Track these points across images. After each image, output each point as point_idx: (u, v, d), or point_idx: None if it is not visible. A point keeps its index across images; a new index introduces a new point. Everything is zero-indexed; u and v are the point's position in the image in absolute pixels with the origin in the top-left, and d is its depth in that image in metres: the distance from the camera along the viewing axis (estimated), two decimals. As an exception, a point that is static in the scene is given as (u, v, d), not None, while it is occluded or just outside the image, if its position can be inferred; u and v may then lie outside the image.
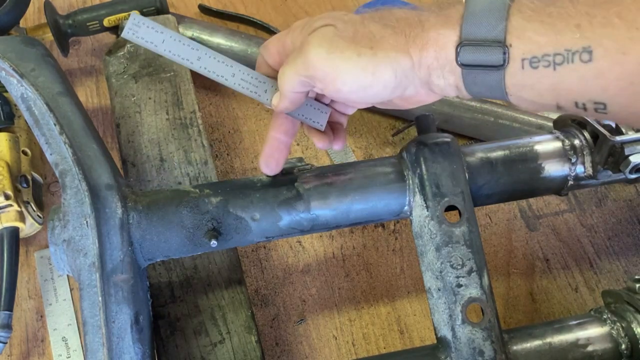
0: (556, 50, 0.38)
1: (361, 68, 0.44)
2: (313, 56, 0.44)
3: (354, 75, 0.44)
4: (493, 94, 0.43)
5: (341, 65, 0.44)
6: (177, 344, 0.58)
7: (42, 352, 0.66)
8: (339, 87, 0.45)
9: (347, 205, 0.54)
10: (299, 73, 0.46)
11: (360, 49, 0.44)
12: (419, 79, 0.45)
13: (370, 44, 0.44)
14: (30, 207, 0.65)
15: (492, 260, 0.74)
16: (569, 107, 0.41)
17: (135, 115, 0.68)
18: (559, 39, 0.38)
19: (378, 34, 0.44)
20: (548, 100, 0.41)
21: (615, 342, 0.54)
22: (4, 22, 0.69)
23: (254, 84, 0.51)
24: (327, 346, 0.68)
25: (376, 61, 0.44)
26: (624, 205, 0.78)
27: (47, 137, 0.52)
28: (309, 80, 0.46)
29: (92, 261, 0.48)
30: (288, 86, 0.47)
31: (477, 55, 0.41)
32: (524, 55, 0.40)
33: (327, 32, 0.45)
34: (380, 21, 0.45)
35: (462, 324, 0.51)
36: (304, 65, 0.45)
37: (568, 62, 0.38)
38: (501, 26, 0.40)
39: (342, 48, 0.44)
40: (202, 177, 0.66)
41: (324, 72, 0.45)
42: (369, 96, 0.46)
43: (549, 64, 0.39)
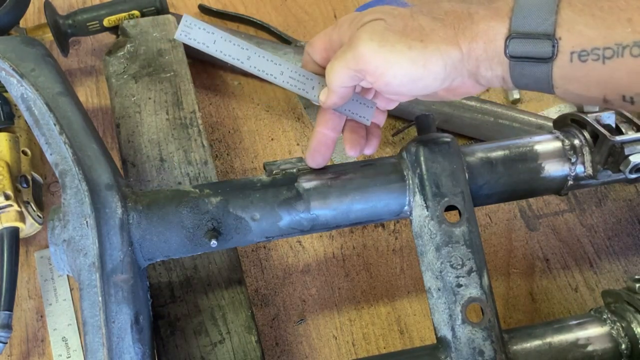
0: (606, 44, 0.39)
1: (412, 61, 0.44)
2: (364, 50, 0.45)
3: (405, 68, 0.45)
4: (539, 86, 0.44)
5: (392, 58, 0.45)
6: (177, 344, 0.58)
7: (42, 352, 0.66)
8: (390, 80, 0.46)
9: (347, 205, 0.54)
10: (350, 67, 0.46)
11: (411, 42, 0.44)
12: (467, 71, 0.46)
13: (421, 37, 0.45)
14: (30, 207, 0.65)
15: (492, 260, 0.74)
16: (616, 100, 0.41)
17: (135, 115, 0.68)
18: (610, 33, 0.39)
19: (428, 27, 0.45)
20: (595, 93, 0.41)
21: (615, 342, 0.54)
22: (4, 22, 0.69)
23: (302, 81, 0.52)
24: (327, 346, 0.68)
25: (427, 54, 0.44)
26: (624, 205, 0.78)
27: (47, 137, 0.52)
28: (359, 74, 0.47)
29: (92, 261, 0.48)
30: (338, 81, 0.48)
31: (526, 47, 0.42)
32: (574, 48, 0.40)
33: (378, 26, 0.45)
34: (429, 14, 0.46)
35: (462, 323, 0.51)
36: (354, 59, 0.46)
37: (618, 56, 0.38)
38: (551, 19, 0.41)
39: (393, 41, 0.44)
40: (202, 177, 0.66)
41: (375, 65, 0.45)
42: (419, 88, 0.47)
43: (598, 57, 0.39)
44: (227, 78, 0.85)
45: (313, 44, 0.52)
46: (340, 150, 0.80)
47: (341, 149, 0.80)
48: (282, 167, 0.55)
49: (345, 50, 0.47)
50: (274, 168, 0.55)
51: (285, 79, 0.52)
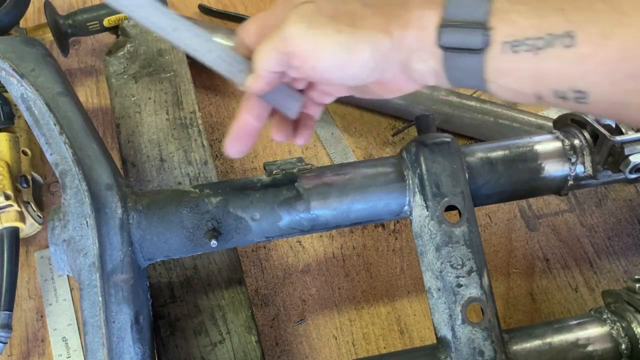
0: (538, 34, 0.37)
1: (340, 45, 0.43)
2: (293, 31, 0.44)
3: (332, 52, 0.43)
4: (472, 80, 0.42)
5: (320, 40, 0.43)
6: (177, 344, 0.58)
7: (42, 352, 0.66)
8: (316, 65, 0.44)
9: (347, 205, 0.54)
10: (277, 49, 0.45)
11: (340, 26, 0.43)
12: (398, 62, 0.44)
13: (351, 21, 0.43)
14: (30, 207, 0.65)
15: (492, 260, 0.74)
16: (549, 96, 0.40)
17: (135, 115, 0.68)
18: (542, 22, 0.37)
19: (359, 12, 0.44)
20: (528, 88, 0.40)
21: (615, 342, 0.54)
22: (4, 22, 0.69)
23: (230, 62, 0.49)
24: (327, 346, 0.68)
25: (355, 38, 0.43)
26: (624, 205, 0.78)
27: (47, 137, 0.52)
28: (286, 57, 0.45)
29: (92, 261, 0.48)
30: (264, 64, 0.46)
31: (458, 37, 0.40)
32: (506, 38, 0.39)
33: (308, 9, 0.44)
34: (362, 1, 0.45)
35: (462, 324, 0.51)
36: (282, 41, 0.44)
37: (549, 47, 0.37)
38: (484, 7, 0.39)
39: (322, 24, 0.43)
40: (202, 177, 0.66)
41: (302, 47, 0.44)
42: (346, 76, 0.45)
43: (530, 48, 0.38)
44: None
45: (246, 27, 0.50)
46: (340, 150, 0.80)
47: (341, 148, 0.80)
48: (282, 167, 0.55)
49: (274, 32, 0.45)
50: (274, 168, 0.55)
51: (213, 58, 0.48)
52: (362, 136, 0.82)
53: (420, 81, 0.46)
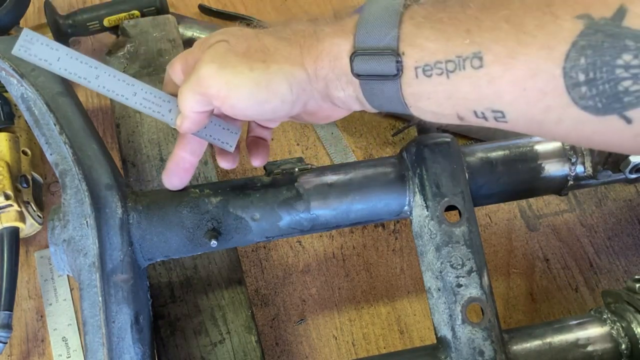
0: (447, 57, 0.37)
1: (254, 82, 0.43)
2: (205, 72, 0.43)
3: (248, 90, 0.43)
4: (393, 106, 0.42)
5: (233, 80, 0.43)
6: (177, 344, 0.58)
7: (42, 352, 0.66)
8: (234, 104, 0.44)
9: (347, 205, 0.54)
10: (194, 91, 0.45)
11: (253, 63, 0.43)
12: (318, 92, 0.44)
13: (263, 57, 0.43)
14: (30, 207, 0.65)
15: (492, 260, 0.74)
16: (469, 117, 0.39)
17: (135, 115, 0.68)
18: (450, 45, 0.37)
19: (272, 46, 0.44)
20: (447, 110, 0.40)
21: (615, 342, 0.54)
22: (4, 22, 0.69)
23: (157, 103, 0.49)
24: (327, 346, 0.68)
25: (269, 74, 0.43)
26: (624, 205, 0.78)
27: (47, 137, 0.52)
28: (205, 98, 0.45)
29: (92, 261, 0.48)
30: (187, 106, 0.46)
31: (371, 64, 0.40)
32: (417, 63, 0.38)
33: (220, 48, 0.44)
34: (275, 34, 0.45)
35: (462, 323, 0.51)
36: (197, 83, 0.44)
37: (460, 69, 0.37)
38: (393, 33, 0.39)
39: (234, 63, 0.43)
40: (202, 177, 0.66)
41: (217, 88, 0.43)
42: (268, 111, 0.45)
43: (442, 71, 0.37)
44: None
45: (173, 65, 0.50)
46: (340, 150, 0.80)
47: (341, 148, 0.80)
48: (282, 167, 0.55)
49: (191, 74, 0.45)
50: (274, 168, 0.55)
51: (139, 101, 0.48)
52: (362, 136, 0.82)
53: (345, 107, 0.46)
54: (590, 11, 0.32)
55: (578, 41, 0.32)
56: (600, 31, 0.32)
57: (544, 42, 0.33)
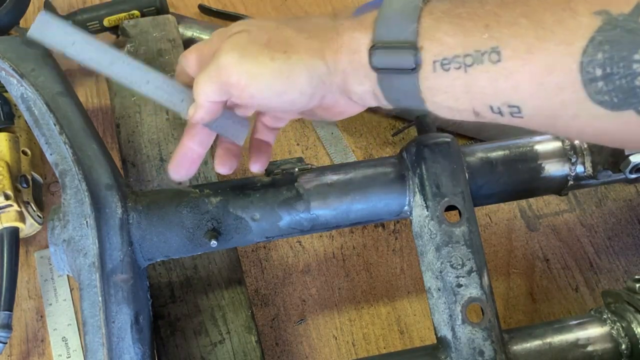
0: (466, 51, 0.38)
1: (275, 72, 0.43)
2: (226, 61, 0.44)
3: (268, 80, 0.43)
4: (410, 100, 0.42)
5: (254, 69, 0.43)
6: (177, 344, 0.58)
7: (42, 352, 0.66)
8: (254, 93, 0.44)
9: (347, 205, 0.54)
10: (212, 80, 0.45)
11: (274, 54, 0.43)
12: (336, 86, 0.44)
13: (284, 48, 0.43)
14: (30, 207, 0.65)
15: (492, 260, 0.74)
16: (485, 112, 0.40)
17: (135, 115, 0.68)
18: (468, 39, 0.37)
19: (292, 38, 0.44)
20: (464, 105, 0.40)
21: (615, 342, 0.54)
22: (4, 22, 0.69)
23: (170, 92, 0.49)
24: (327, 346, 0.68)
25: (290, 65, 0.43)
26: (624, 205, 0.78)
27: (47, 137, 0.52)
28: (224, 87, 0.45)
29: (92, 261, 0.48)
30: (203, 95, 0.46)
31: (389, 58, 0.40)
32: (435, 57, 0.39)
33: (241, 38, 0.44)
34: (295, 27, 0.45)
35: (462, 324, 0.51)
36: (217, 71, 0.44)
37: (478, 63, 0.37)
38: (412, 28, 0.39)
39: (255, 53, 0.43)
40: (202, 177, 0.66)
41: (237, 78, 0.44)
42: (286, 103, 0.45)
43: (459, 65, 0.38)
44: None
45: (186, 56, 0.50)
46: (340, 150, 0.80)
47: (341, 148, 0.80)
48: (282, 167, 0.55)
49: (210, 63, 0.45)
50: (274, 168, 0.55)
51: (151, 89, 0.48)
52: (362, 136, 0.82)
53: (361, 103, 0.46)
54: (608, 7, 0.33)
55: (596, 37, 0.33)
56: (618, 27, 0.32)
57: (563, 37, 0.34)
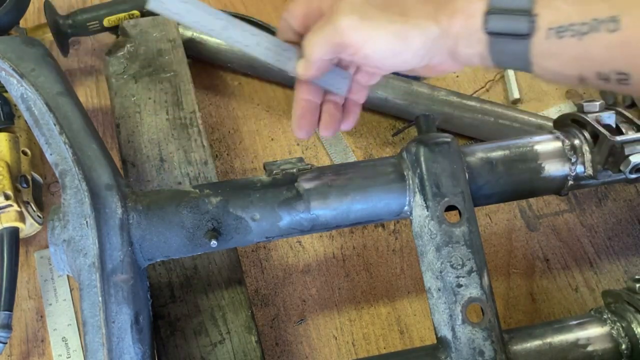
0: (583, 20, 0.39)
1: (393, 35, 0.45)
2: (344, 23, 0.46)
3: (386, 41, 0.45)
4: (517, 63, 0.44)
5: (373, 32, 0.45)
6: (177, 344, 0.58)
7: (42, 352, 0.66)
8: (369, 54, 0.46)
9: (347, 205, 0.54)
10: (329, 40, 0.47)
11: (392, 16, 0.45)
12: (447, 48, 0.46)
13: (401, 11, 0.45)
14: (30, 207, 0.65)
15: (492, 260, 0.74)
16: (591, 78, 0.41)
17: (135, 115, 0.68)
18: (587, 8, 0.39)
19: (408, 2, 0.46)
20: (571, 70, 0.42)
21: (615, 342, 0.54)
22: (4, 22, 0.69)
23: (278, 52, 0.51)
24: (327, 346, 0.68)
25: (407, 28, 0.45)
26: (624, 205, 0.78)
27: (47, 137, 0.52)
28: (339, 47, 0.47)
29: (92, 261, 0.48)
30: (317, 53, 0.48)
31: (504, 23, 0.42)
32: (551, 24, 0.40)
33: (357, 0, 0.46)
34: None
35: (462, 324, 0.51)
36: (335, 33, 0.46)
37: (594, 32, 0.39)
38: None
39: (373, 16, 0.45)
40: (202, 177, 0.66)
41: (355, 39, 0.46)
42: (398, 63, 0.47)
43: (574, 33, 0.39)
44: (227, 78, 0.85)
45: (292, 11, 0.52)
46: (340, 150, 0.80)
47: (342, 148, 0.80)
48: (282, 167, 0.55)
49: (325, 23, 0.47)
50: (274, 168, 0.55)
51: (262, 50, 0.51)
52: (362, 136, 0.82)
53: (465, 63, 0.48)
54: None
55: None
56: None
57: None
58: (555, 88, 0.86)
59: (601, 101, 0.60)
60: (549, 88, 0.86)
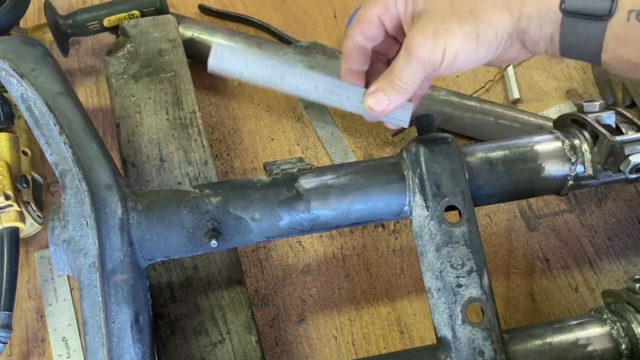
0: None
1: (465, 37, 0.45)
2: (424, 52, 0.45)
3: (460, 45, 0.45)
4: (587, 48, 0.43)
5: (449, 43, 0.45)
6: (177, 344, 0.58)
7: (42, 352, 0.66)
8: (450, 63, 0.46)
9: (347, 205, 0.54)
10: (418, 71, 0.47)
11: (461, 18, 0.44)
12: (517, 34, 0.45)
13: (469, 7, 0.45)
14: (30, 207, 0.65)
15: (492, 260, 0.74)
16: None
17: (135, 115, 0.68)
18: None
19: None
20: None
21: (615, 342, 0.54)
22: (4, 22, 0.69)
23: (336, 92, 0.51)
24: (327, 346, 0.68)
25: (478, 25, 0.44)
26: (624, 205, 0.78)
27: (47, 137, 0.52)
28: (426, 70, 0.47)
29: (92, 261, 0.48)
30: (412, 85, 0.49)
31: (583, 1, 0.41)
32: (633, 6, 0.39)
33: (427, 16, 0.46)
34: None
35: (462, 324, 0.51)
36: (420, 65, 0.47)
37: None
38: None
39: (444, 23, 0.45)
40: (202, 177, 0.66)
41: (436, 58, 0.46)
42: (475, 61, 0.47)
43: None
44: (227, 78, 0.85)
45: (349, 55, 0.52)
46: (340, 150, 0.80)
47: (342, 148, 0.80)
48: (282, 167, 0.55)
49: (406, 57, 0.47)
50: (274, 168, 0.55)
51: (321, 93, 0.51)
52: (362, 136, 0.82)
53: (532, 49, 0.47)
54: None
55: None
56: None
57: None
58: (555, 88, 0.86)
59: (601, 101, 0.60)
60: (549, 88, 0.86)
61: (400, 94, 0.50)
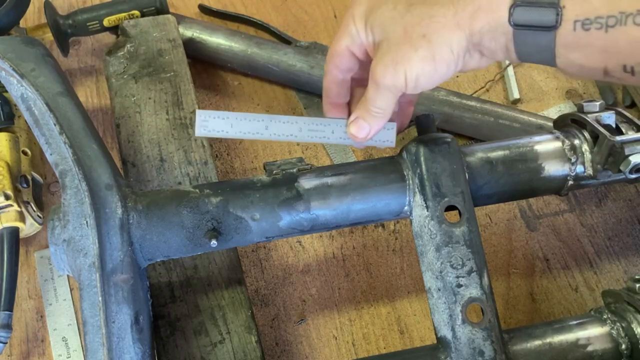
0: (610, 13, 0.39)
1: (423, 60, 0.46)
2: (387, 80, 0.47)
3: (419, 69, 0.46)
4: (542, 55, 0.44)
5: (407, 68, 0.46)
6: (177, 344, 0.58)
7: (42, 352, 0.66)
8: (414, 86, 0.47)
9: (347, 205, 0.54)
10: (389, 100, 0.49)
11: (415, 43, 0.46)
12: (472, 45, 0.46)
13: (421, 31, 0.46)
14: (30, 207, 0.65)
15: (492, 260, 0.74)
16: (616, 71, 0.41)
17: (135, 115, 0.68)
18: (614, 1, 0.39)
19: (426, 15, 0.46)
20: (597, 63, 0.42)
21: (615, 342, 0.54)
22: (4, 22, 0.69)
23: (320, 129, 0.54)
24: (327, 346, 0.68)
25: (432, 47, 0.45)
26: (624, 205, 0.78)
27: (47, 137, 0.52)
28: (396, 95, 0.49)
29: (92, 261, 0.48)
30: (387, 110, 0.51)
31: (530, 15, 0.42)
32: (577, 17, 0.41)
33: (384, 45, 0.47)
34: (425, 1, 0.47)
35: (462, 324, 0.51)
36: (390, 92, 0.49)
37: (621, 25, 0.39)
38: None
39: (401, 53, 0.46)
40: (202, 177, 0.66)
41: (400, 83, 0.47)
42: (436, 80, 0.48)
43: (601, 26, 0.40)
44: (227, 78, 0.85)
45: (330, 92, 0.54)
46: (340, 150, 0.80)
47: (342, 148, 0.80)
48: (282, 167, 0.55)
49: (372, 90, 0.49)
50: (274, 168, 0.55)
51: (306, 134, 0.54)
52: (362, 136, 0.82)
53: (491, 57, 0.48)
54: None
55: None
56: None
57: None
58: (555, 88, 0.86)
59: (601, 101, 0.60)
60: (549, 88, 0.86)
61: (378, 119, 0.52)
